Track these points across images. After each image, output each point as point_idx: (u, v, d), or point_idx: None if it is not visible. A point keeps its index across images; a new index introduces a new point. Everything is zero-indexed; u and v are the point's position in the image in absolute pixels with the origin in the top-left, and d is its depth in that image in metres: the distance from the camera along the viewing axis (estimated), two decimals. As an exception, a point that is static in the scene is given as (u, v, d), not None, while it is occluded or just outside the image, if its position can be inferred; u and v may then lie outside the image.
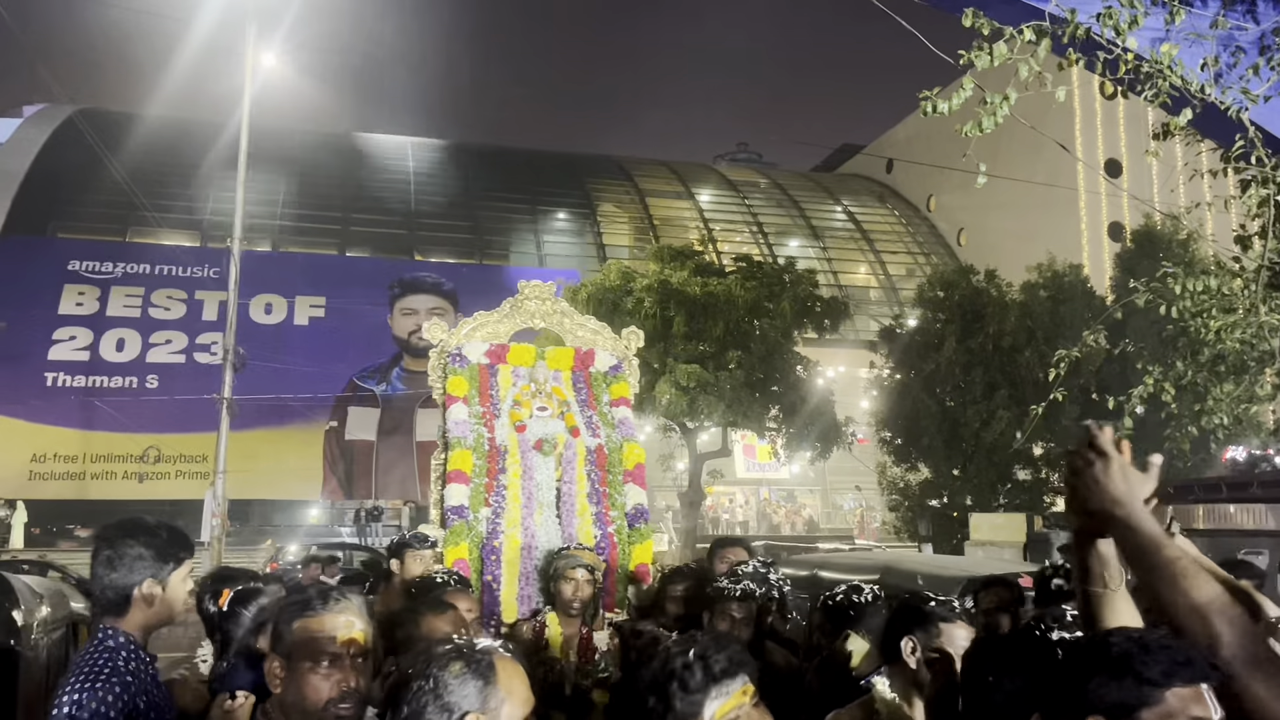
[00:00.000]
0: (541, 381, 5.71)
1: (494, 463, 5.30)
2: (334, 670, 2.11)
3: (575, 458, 5.42)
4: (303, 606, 2.17)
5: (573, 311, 6.22)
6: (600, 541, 5.18)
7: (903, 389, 23.70)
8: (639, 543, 5.23)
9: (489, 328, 5.94)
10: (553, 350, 5.91)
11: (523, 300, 6.04)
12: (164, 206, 33.07)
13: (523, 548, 5.03)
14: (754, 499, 40.93)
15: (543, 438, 5.42)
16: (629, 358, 6.09)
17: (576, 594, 4.37)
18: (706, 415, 22.67)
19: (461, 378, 5.64)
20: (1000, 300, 23.19)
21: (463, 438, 5.33)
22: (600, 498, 5.36)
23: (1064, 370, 7.34)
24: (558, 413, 5.60)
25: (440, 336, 5.91)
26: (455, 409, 5.50)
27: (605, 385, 5.87)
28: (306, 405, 29.47)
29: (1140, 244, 22.10)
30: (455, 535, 4.99)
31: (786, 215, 45.17)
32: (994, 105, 5.63)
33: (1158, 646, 1.54)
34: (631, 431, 5.72)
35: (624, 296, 22.32)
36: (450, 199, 39.07)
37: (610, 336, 6.14)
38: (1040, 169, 33.39)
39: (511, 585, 4.95)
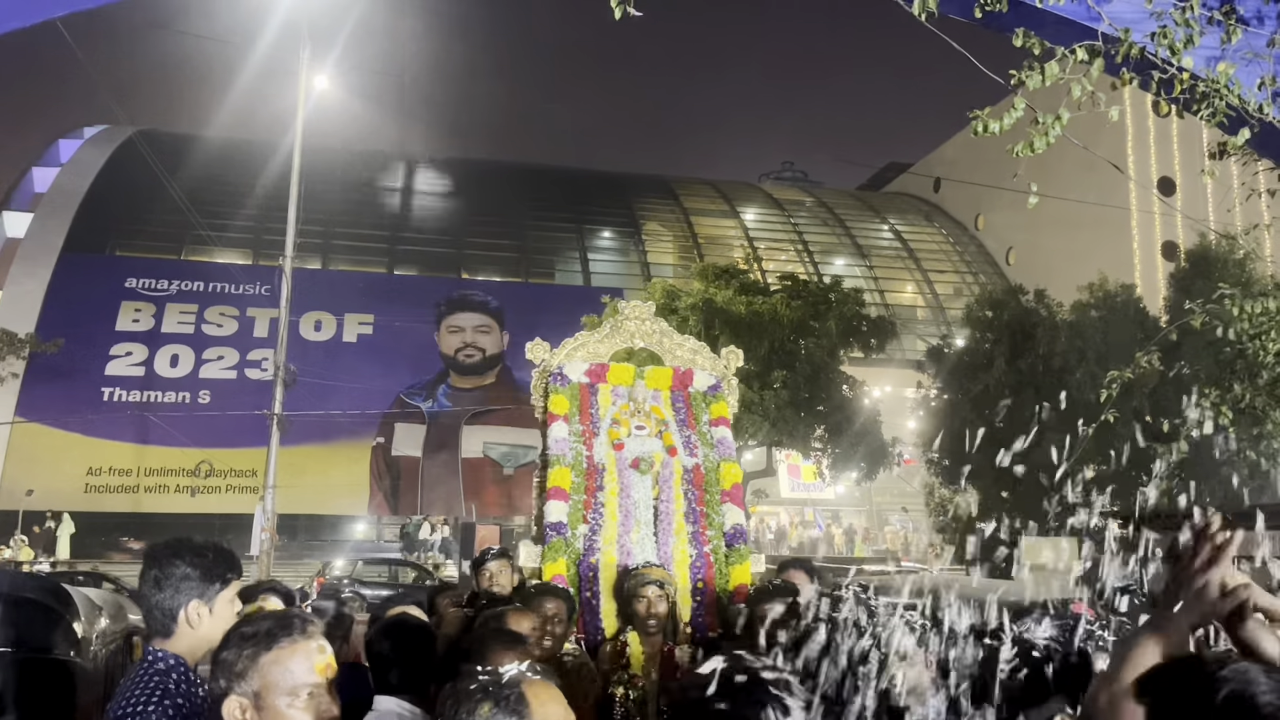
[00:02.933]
0: (640, 401, 5.73)
1: (592, 480, 5.33)
2: (314, 702, 1.98)
3: (672, 476, 5.42)
4: (267, 639, 1.99)
5: (672, 332, 6.23)
6: (696, 561, 5.17)
7: (950, 409, 23.42)
8: (737, 563, 5.20)
9: (590, 347, 5.99)
10: (652, 370, 5.93)
11: (623, 320, 6.09)
12: (218, 225, 33.73)
13: (619, 565, 5.05)
14: (796, 518, 40.59)
15: (640, 456, 5.45)
16: (728, 377, 6.10)
17: (651, 611, 4.39)
18: (751, 434, 22.59)
19: (563, 396, 5.68)
20: (1050, 320, 22.86)
21: (562, 455, 5.38)
22: (698, 517, 5.34)
23: (1116, 392, 7.23)
24: (655, 431, 5.62)
25: (542, 356, 5.98)
26: (556, 427, 5.54)
27: (705, 405, 5.86)
28: (354, 421, 29.81)
29: (1195, 264, 21.67)
30: (553, 551, 5.04)
31: (832, 234, 44.96)
32: (1046, 125, 5.58)
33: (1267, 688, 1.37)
34: (730, 451, 5.70)
35: (669, 315, 22.34)
36: (497, 218, 39.44)
37: (709, 356, 6.15)
38: (1091, 187, 32.91)
39: (609, 601, 4.96)
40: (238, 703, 1.95)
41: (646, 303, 6.29)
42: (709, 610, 5.04)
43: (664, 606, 4.45)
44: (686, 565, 5.11)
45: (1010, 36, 5.77)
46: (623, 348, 6.10)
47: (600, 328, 6.12)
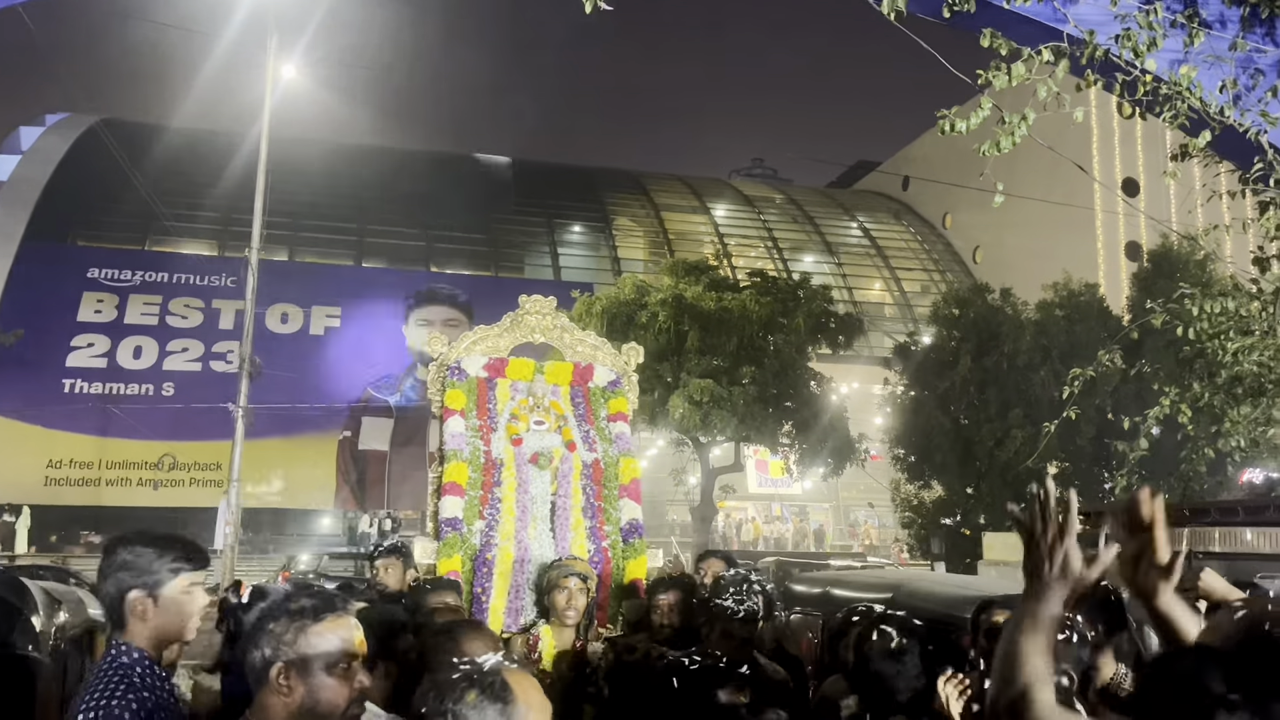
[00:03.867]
0: (540, 396, 5.75)
1: (489, 475, 5.32)
2: (350, 674, 2.14)
3: (571, 472, 5.43)
4: (313, 613, 2.16)
5: (573, 327, 6.24)
6: (594, 556, 5.20)
7: (917, 406, 23.63)
8: (633, 558, 5.26)
9: (489, 341, 5.99)
10: (551, 365, 5.94)
11: (523, 315, 6.08)
12: (183, 215, 33.33)
13: (515, 560, 5.07)
14: (762, 513, 40.81)
15: (539, 451, 5.45)
16: (629, 373, 6.11)
17: (570, 603, 4.40)
18: (719, 430, 22.66)
19: (460, 391, 5.68)
20: (1015, 319, 23.11)
21: (459, 450, 5.38)
22: (595, 512, 5.37)
23: (1078, 389, 7.32)
24: (555, 427, 5.63)
25: (440, 350, 5.98)
26: (452, 422, 5.54)
27: (604, 400, 5.88)
28: (320, 415, 29.57)
29: (1157, 264, 22.00)
30: (448, 547, 5.03)
31: (801, 231, 45.18)
32: (1012, 125, 5.65)
33: None
34: (628, 447, 5.72)
35: (638, 310, 22.36)
36: (467, 211, 39.24)
37: (610, 352, 6.16)
38: (1057, 188, 33.28)
39: (501, 597, 4.98)
40: (281, 670, 2.09)
41: (548, 298, 6.27)
42: (604, 605, 5.07)
43: (584, 600, 4.46)
44: (583, 559, 5.11)
45: (978, 36, 5.83)
46: (523, 342, 6.08)
47: (500, 321, 6.10)
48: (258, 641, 2.14)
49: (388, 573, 5.31)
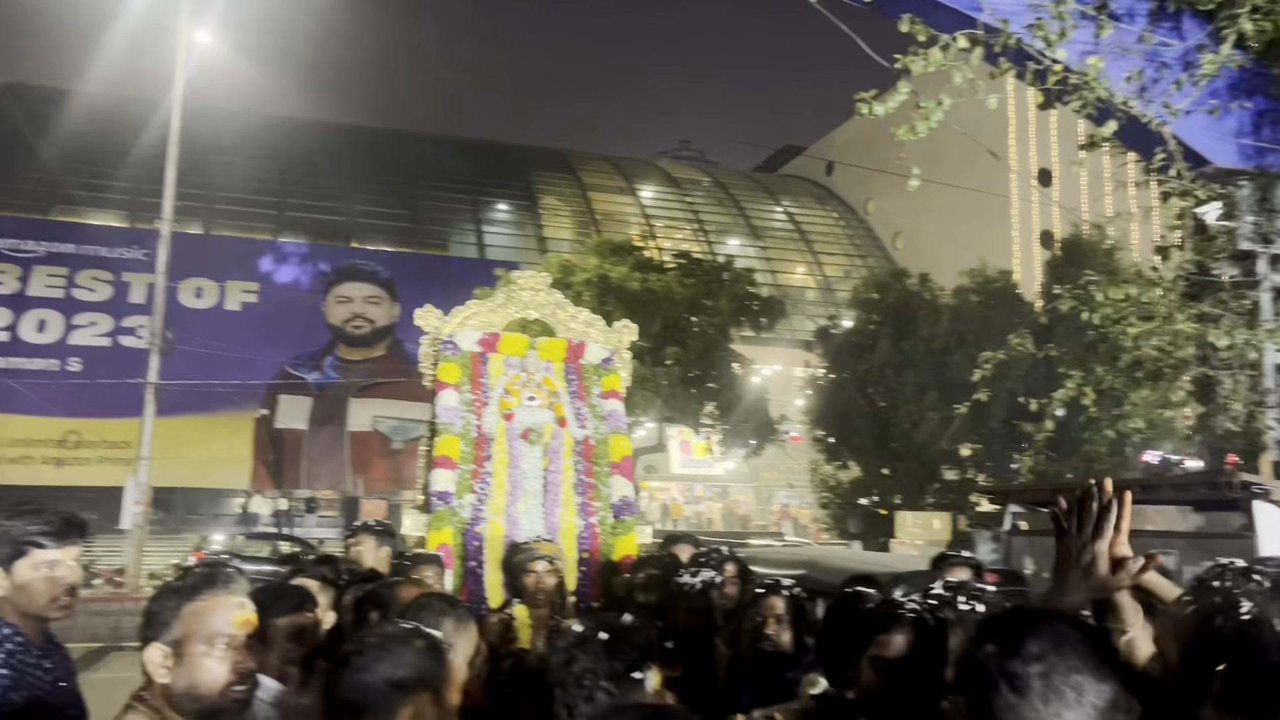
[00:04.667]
0: (532, 372, 5.74)
1: (481, 450, 5.32)
2: (230, 653, 2.07)
3: (562, 448, 5.45)
4: (191, 591, 2.09)
5: (566, 303, 6.23)
6: (583, 532, 5.23)
7: (836, 388, 24.03)
8: (623, 534, 5.28)
9: (482, 316, 5.95)
10: (544, 341, 5.93)
11: (517, 291, 6.06)
12: (91, 185, 32.14)
13: (505, 535, 5.07)
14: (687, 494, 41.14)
15: (530, 427, 5.45)
16: (621, 350, 6.12)
17: (539, 585, 4.41)
18: (643, 410, 22.75)
19: (454, 364, 5.63)
20: (933, 304, 23.62)
21: (451, 424, 5.36)
22: (586, 488, 5.39)
23: (989, 372, 7.52)
24: (547, 403, 5.62)
25: (433, 324, 5.91)
26: (445, 395, 5.51)
27: (596, 378, 5.88)
28: (236, 392, 28.85)
29: (1068, 252, 22.64)
30: (438, 520, 5.02)
31: (727, 214, 45.44)
32: (928, 109, 5.76)
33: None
34: (621, 424, 5.75)
35: (563, 290, 22.24)
36: (389, 186, 38.56)
37: (603, 329, 6.17)
38: (976, 177, 34.03)
39: (495, 571, 4.96)
40: (160, 650, 2.03)
41: (542, 273, 6.26)
42: (594, 580, 5.12)
43: (552, 581, 4.48)
44: (574, 536, 5.17)
45: (897, 22, 5.92)
46: (516, 318, 6.08)
47: (494, 297, 6.09)
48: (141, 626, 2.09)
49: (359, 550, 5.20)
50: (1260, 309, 7.28)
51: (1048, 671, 1.34)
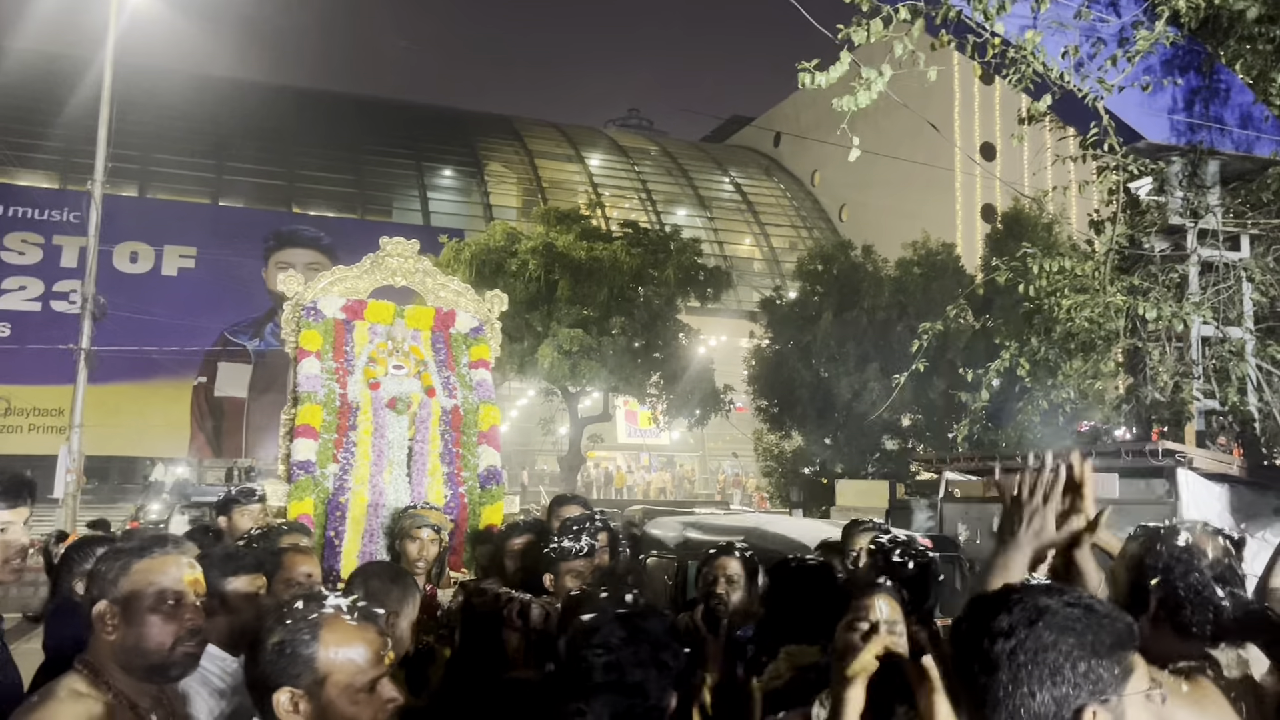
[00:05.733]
0: (399, 340, 5.68)
1: (345, 419, 5.25)
2: (179, 611, 2.09)
3: (430, 417, 5.40)
4: (138, 551, 2.12)
5: (436, 271, 6.14)
6: (450, 501, 5.19)
7: (780, 359, 24.22)
8: (490, 504, 5.27)
9: (348, 283, 5.86)
10: (412, 309, 5.87)
11: (384, 257, 5.96)
12: (20, 145, 31.07)
13: (370, 505, 5.02)
14: (634, 463, 41.34)
15: (397, 396, 5.40)
16: (491, 320, 6.08)
17: (421, 553, 4.36)
18: (589, 380, 22.74)
19: (315, 332, 5.55)
20: (876, 275, 23.86)
21: (313, 392, 5.28)
22: (453, 458, 5.36)
23: (927, 342, 7.64)
24: (414, 372, 5.57)
25: (295, 289, 5.81)
26: (307, 363, 5.43)
27: (465, 347, 5.84)
28: (173, 359, 28.28)
29: (1008, 226, 22.99)
30: (300, 490, 4.95)
31: (675, 184, 45.38)
32: (869, 80, 5.79)
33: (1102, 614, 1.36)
34: (489, 394, 5.71)
35: (508, 258, 22.12)
36: (332, 151, 37.86)
37: (473, 298, 6.11)
38: (920, 150, 34.32)
39: (355, 542, 4.92)
40: (106, 608, 2.05)
41: (411, 240, 6.16)
42: (458, 550, 5.10)
43: (435, 550, 4.43)
44: (440, 505, 5.10)
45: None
46: (383, 284, 5.98)
47: (360, 263, 5.98)
48: (86, 587, 2.12)
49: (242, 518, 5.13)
50: (1188, 282, 7.48)
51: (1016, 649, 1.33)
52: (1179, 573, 1.96)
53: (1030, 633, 1.33)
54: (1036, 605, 1.36)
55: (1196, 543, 2.02)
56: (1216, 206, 7.46)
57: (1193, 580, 1.96)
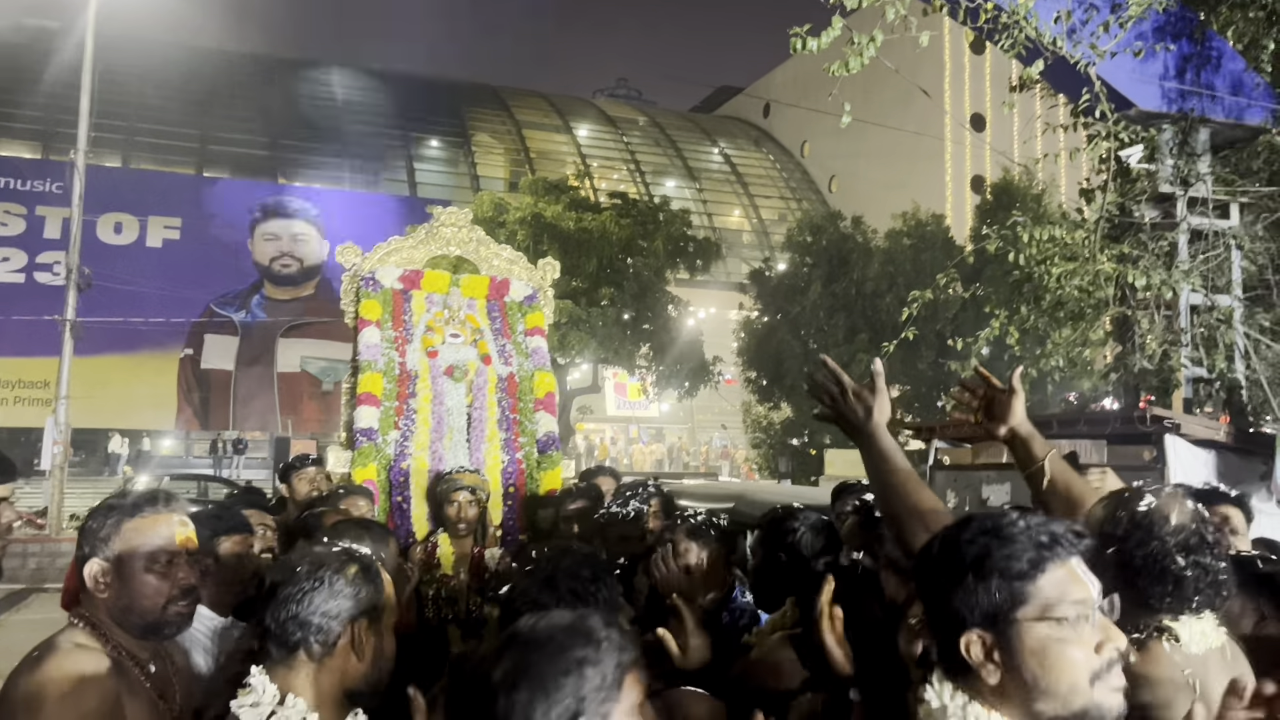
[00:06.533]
0: (455, 309, 5.74)
1: (404, 387, 5.34)
2: (171, 570, 2.10)
3: (486, 384, 5.48)
4: (132, 509, 2.13)
5: (489, 240, 6.19)
6: (508, 466, 5.30)
7: (769, 330, 24.22)
8: (549, 469, 5.37)
9: (404, 253, 5.91)
10: (468, 278, 5.93)
11: (438, 227, 6.01)
12: (1, 114, 30.71)
13: (430, 471, 5.12)
14: (622, 436, 41.40)
15: (454, 364, 5.48)
16: (545, 288, 6.14)
17: (461, 515, 4.52)
18: (578, 351, 22.70)
19: (375, 301, 5.62)
20: (865, 246, 23.84)
21: (373, 361, 5.36)
22: (510, 424, 5.44)
23: (916, 310, 7.64)
24: (470, 340, 5.64)
25: (354, 260, 5.87)
26: (367, 333, 5.50)
27: (520, 314, 5.92)
28: (159, 331, 28.07)
29: (998, 196, 22.98)
30: (363, 457, 5.05)
31: (664, 154, 45.15)
32: (861, 45, 5.75)
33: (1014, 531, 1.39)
34: (544, 361, 5.79)
35: (496, 228, 21.99)
36: (317, 121, 37.49)
37: (526, 266, 6.17)
38: (910, 121, 34.24)
39: (422, 505, 5.03)
40: (99, 565, 2.06)
41: (464, 209, 6.20)
42: (519, 514, 5.20)
43: (474, 511, 4.58)
44: (499, 471, 5.24)
45: (833, -44, 5.86)
46: (438, 254, 6.04)
47: (415, 233, 6.04)
48: (79, 542, 2.12)
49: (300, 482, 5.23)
50: (1177, 250, 7.49)
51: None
52: (1136, 540, 1.89)
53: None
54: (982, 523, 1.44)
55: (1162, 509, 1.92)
56: (1207, 174, 7.46)
57: (1151, 549, 1.89)
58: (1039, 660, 1.35)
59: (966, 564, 1.39)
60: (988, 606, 1.37)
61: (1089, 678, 1.34)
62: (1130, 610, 1.78)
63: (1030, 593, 1.36)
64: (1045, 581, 1.36)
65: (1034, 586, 1.36)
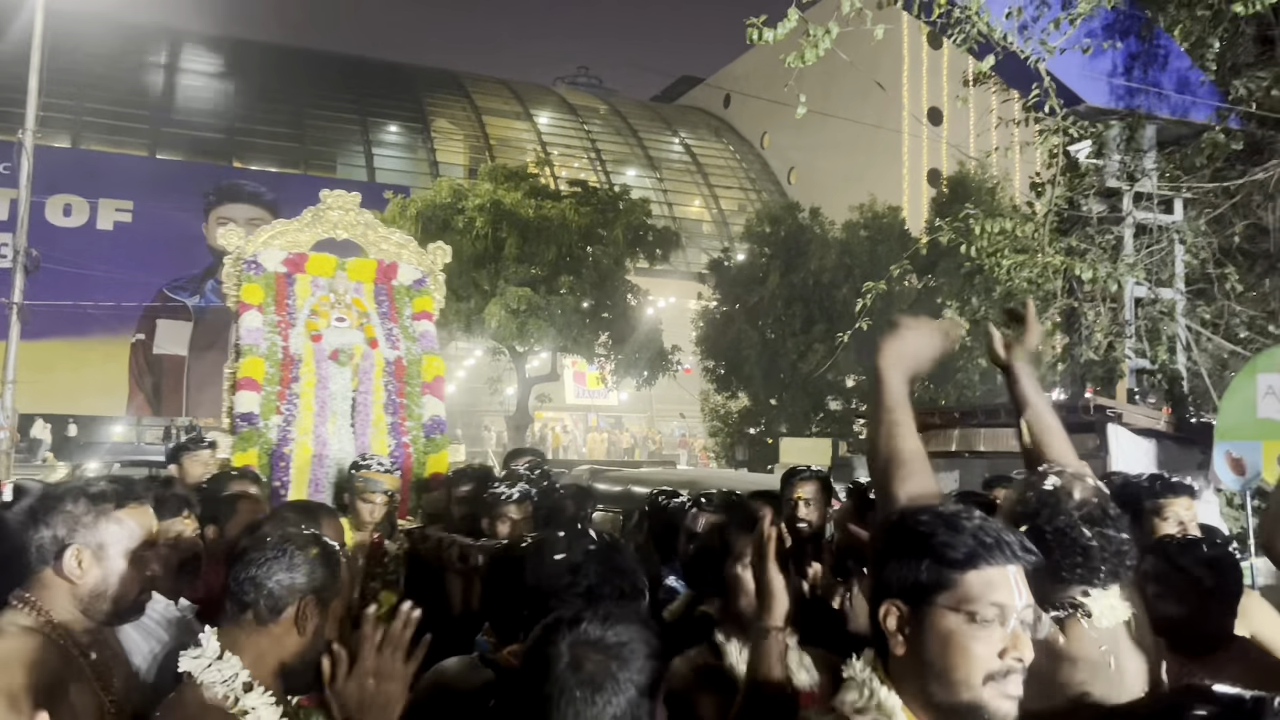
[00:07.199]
0: (341, 292, 5.75)
1: (287, 371, 5.34)
2: (144, 563, 2.18)
3: (373, 369, 5.49)
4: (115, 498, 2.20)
5: (377, 224, 6.21)
6: (395, 451, 5.30)
7: (727, 320, 24.35)
8: (435, 453, 5.40)
9: (289, 236, 5.91)
10: (354, 261, 5.93)
11: (325, 210, 6.01)
12: (-56, 91, 29.92)
13: (314, 456, 5.13)
14: (582, 425, 41.42)
15: (339, 348, 5.49)
16: (435, 273, 6.16)
17: (372, 515, 4.45)
18: (536, 339, 22.67)
19: (257, 285, 5.63)
20: (823, 238, 24.02)
21: (255, 345, 5.37)
22: (397, 409, 5.45)
23: (870, 300, 7.75)
24: (357, 324, 5.66)
25: (236, 243, 5.82)
26: (248, 316, 5.51)
27: (408, 299, 5.92)
28: (110, 315, 27.61)
29: (954, 190, 23.24)
30: (243, 441, 5.06)
31: (624, 143, 45.10)
32: (815, 38, 5.82)
33: (966, 525, 1.47)
34: (433, 345, 5.81)
35: (455, 215, 21.88)
36: (274, 104, 36.99)
37: (415, 250, 6.18)
38: (869, 114, 34.49)
39: (300, 491, 5.00)
40: (77, 552, 2.09)
41: (351, 193, 6.18)
42: (404, 498, 5.20)
43: (384, 512, 4.53)
44: (385, 455, 5.18)
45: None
46: (324, 238, 6.03)
47: (301, 216, 6.02)
48: (48, 521, 2.11)
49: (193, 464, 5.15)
50: (1123, 244, 7.65)
51: None
52: (1045, 516, 2.02)
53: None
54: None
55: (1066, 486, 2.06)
56: (1152, 170, 7.63)
57: (1059, 523, 2.01)
58: (942, 646, 1.43)
59: (910, 539, 1.49)
60: (912, 582, 1.46)
61: (983, 676, 1.42)
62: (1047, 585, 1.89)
63: (955, 582, 1.44)
64: (973, 578, 1.44)
65: (960, 578, 1.44)
